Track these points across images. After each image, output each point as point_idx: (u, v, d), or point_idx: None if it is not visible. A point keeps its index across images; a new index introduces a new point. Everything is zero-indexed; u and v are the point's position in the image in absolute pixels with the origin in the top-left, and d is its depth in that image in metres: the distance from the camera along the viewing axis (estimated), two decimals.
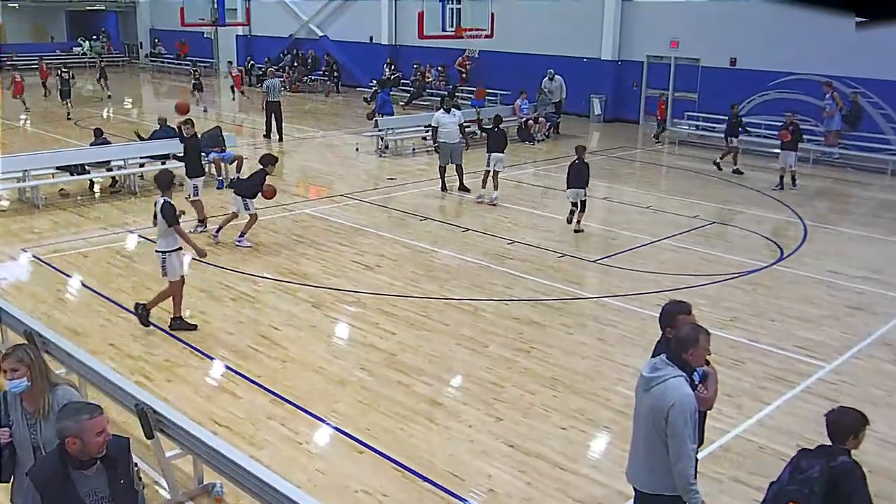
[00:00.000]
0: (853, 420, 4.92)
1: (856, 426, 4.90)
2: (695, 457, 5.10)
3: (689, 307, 5.73)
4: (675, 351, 5.14)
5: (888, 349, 9.99)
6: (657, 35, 26.60)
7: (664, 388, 5.02)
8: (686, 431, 4.96)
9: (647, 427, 5.17)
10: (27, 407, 4.86)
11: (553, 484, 7.10)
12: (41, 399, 4.84)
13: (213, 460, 6.23)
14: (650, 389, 5.11)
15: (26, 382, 4.78)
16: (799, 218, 16.01)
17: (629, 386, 8.70)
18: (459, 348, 9.84)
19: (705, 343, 5.16)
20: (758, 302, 11.47)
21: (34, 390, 4.82)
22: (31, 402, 4.85)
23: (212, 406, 8.35)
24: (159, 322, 10.31)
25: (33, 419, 4.85)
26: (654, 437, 5.11)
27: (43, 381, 4.87)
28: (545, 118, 25.12)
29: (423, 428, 8.00)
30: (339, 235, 14.36)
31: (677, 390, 4.99)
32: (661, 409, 5.00)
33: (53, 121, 26.85)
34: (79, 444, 4.14)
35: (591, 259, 13.35)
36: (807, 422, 8.17)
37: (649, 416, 5.13)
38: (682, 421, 4.95)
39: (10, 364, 4.78)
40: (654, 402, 5.07)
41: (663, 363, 5.13)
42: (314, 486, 6.85)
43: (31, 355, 4.86)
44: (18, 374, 4.77)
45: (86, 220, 15.22)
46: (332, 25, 37.29)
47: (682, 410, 4.95)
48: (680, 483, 5.03)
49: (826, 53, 21.97)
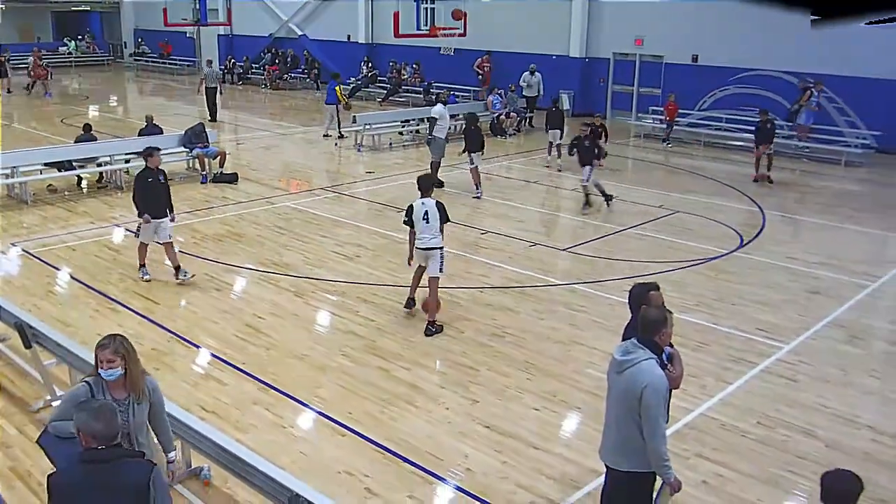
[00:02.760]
0: (851, 486, 4.25)
1: (854, 494, 4.24)
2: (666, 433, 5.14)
3: (657, 284, 5.80)
4: (645, 334, 5.17)
5: (843, 331, 10.11)
6: (623, 33, 26.69)
7: (637, 370, 5.04)
8: (659, 411, 5.00)
9: (621, 408, 5.19)
10: (116, 394, 4.92)
11: (527, 463, 7.14)
12: (139, 384, 4.97)
13: (201, 445, 6.22)
14: (623, 372, 5.12)
15: (121, 371, 4.87)
16: (758, 207, 16.15)
17: (599, 368, 8.77)
18: (436, 334, 9.85)
19: (671, 325, 5.21)
20: (720, 287, 11.57)
21: (127, 378, 4.91)
22: (124, 389, 4.94)
23: (199, 393, 8.31)
24: (146, 313, 10.25)
25: (124, 405, 4.90)
26: (628, 417, 5.13)
27: (138, 368, 5.00)
28: (516, 113, 25.14)
29: (403, 411, 8.01)
30: (320, 227, 14.30)
31: (650, 372, 5.01)
32: (635, 391, 5.02)
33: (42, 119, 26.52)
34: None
35: (561, 247, 13.40)
36: (766, 400, 8.27)
37: (622, 397, 5.15)
38: (656, 401, 4.98)
39: (108, 356, 4.85)
40: (627, 384, 5.09)
41: (634, 346, 5.14)
42: (299, 469, 6.83)
43: (125, 346, 4.92)
44: (115, 364, 4.86)
45: (73, 214, 15.05)
46: (311, 24, 37.05)
47: (654, 391, 4.98)
48: (654, 460, 5.07)
49: (783, 50, 22.21)
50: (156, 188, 11.11)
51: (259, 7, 38.33)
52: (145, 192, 11.07)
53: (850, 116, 21.96)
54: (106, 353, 4.86)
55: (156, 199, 11.13)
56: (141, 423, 5.03)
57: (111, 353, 4.85)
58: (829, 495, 4.20)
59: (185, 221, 14.54)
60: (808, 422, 7.84)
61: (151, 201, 11.07)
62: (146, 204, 11.04)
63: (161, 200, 11.21)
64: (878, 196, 17.93)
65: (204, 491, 6.66)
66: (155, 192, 11.12)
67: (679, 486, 5.21)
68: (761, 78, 23.41)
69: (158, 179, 11.15)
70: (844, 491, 4.18)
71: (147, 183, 11.05)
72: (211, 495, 6.62)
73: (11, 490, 6.59)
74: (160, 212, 11.13)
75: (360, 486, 6.74)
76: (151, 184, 11.04)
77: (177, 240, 13.41)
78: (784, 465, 7.10)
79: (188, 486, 6.72)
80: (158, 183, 11.14)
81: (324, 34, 36.28)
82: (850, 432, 7.68)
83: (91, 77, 39.08)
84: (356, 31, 34.83)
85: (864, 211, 16.20)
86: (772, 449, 7.38)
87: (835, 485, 4.21)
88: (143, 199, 11.06)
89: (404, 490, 6.71)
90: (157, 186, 11.13)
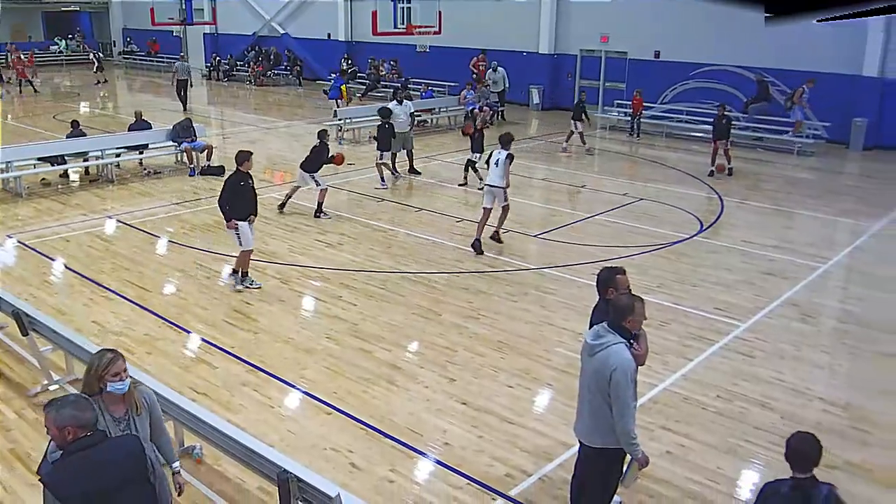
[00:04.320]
0: (812, 448, 4.37)
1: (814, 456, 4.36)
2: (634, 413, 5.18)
3: (623, 269, 5.84)
4: (615, 319, 5.19)
5: (795, 309, 10.23)
6: (589, 31, 26.67)
7: (607, 353, 5.08)
8: (628, 392, 5.03)
9: (592, 388, 5.23)
10: (114, 411, 4.59)
11: (502, 436, 7.18)
12: (135, 397, 4.66)
13: (193, 425, 6.19)
14: (594, 355, 5.16)
15: (129, 382, 4.61)
16: (717, 194, 16.26)
17: (568, 347, 8.84)
18: (415, 317, 9.85)
19: (641, 310, 5.21)
20: (681, 270, 11.65)
21: (130, 391, 4.62)
22: (123, 404, 4.62)
23: (190, 376, 8.26)
24: (139, 300, 10.17)
25: (123, 421, 4.59)
26: (598, 397, 5.17)
27: (132, 380, 4.73)
28: (488, 106, 25.08)
29: (384, 390, 8.01)
30: (303, 217, 14.22)
31: (619, 355, 5.05)
32: (605, 373, 5.05)
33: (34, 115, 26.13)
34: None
35: (532, 234, 13.42)
36: (725, 374, 8.36)
37: (593, 378, 5.18)
38: (625, 383, 5.01)
39: (121, 366, 4.55)
40: (598, 366, 5.12)
41: (605, 330, 5.17)
42: (286, 446, 6.83)
43: (123, 358, 4.63)
44: (124, 377, 4.56)
45: (67, 207, 14.86)
46: (293, 23, 36.76)
47: (623, 373, 5.01)
48: (622, 438, 5.12)
49: (739, 46, 22.32)
50: (245, 192, 10.58)
51: (243, 7, 37.95)
52: (235, 196, 10.50)
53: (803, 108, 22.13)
54: (116, 367, 4.52)
55: (244, 203, 10.61)
56: (146, 436, 4.67)
57: (119, 368, 4.53)
58: (794, 455, 4.37)
59: (174, 212, 14.45)
60: (764, 394, 7.94)
61: (240, 204, 10.55)
62: (234, 207, 10.50)
63: (249, 204, 10.67)
64: (827, 183, 18.12)
65: (196, 469, 6.64)
66: (244, 195, 10.59)
67: (646, 461, 5.28)
68: (719, 73, 23.53)
69: (249, 183, 10.63)
70: (806, 451, 4.34)
71: (239, 187, 10.49)
72: (203, 473, 6.60)
73: (12, 471, 6.53)
74: (245, 215, 10.60)
75: (345, 462, 6.75)
76: (243, 188, 10.51)
77: (167, 230, 13.35)
78: (742, 436, 7.19)
79: (181, 464, 6.68)
80: (249, 187, 10.62)
81: (305, 32, 36.00)
82: (803, 403, 7.79)
83: (82, 75, 38.51)
84: (336, 30, 34.58)
85: (814, 197, 16.36)
86: (731, 420, 7.47)
87: (799, 445, 4.37)
88: (232, 202, 10.49)
89: (386, 464, 6.72)
90: (248, 190, 10.60)
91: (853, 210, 15.31)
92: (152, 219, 14.10)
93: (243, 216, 10.54)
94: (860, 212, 15.15)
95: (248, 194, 10.60)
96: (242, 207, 10.55)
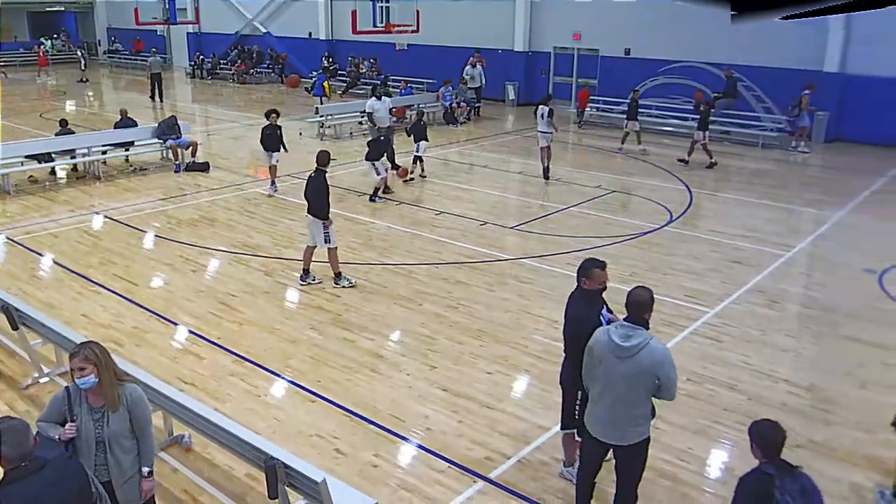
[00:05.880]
0: (775, 434, 4.32)
1: (778, 442, 4.31)
2: None
3: (604, 264, 5.81)
4: (637, 312, 5.12)
5: (761, 295, 10.33)
6: (562, 29, 26.74)
7: (650, 351, 5.00)
8: (676, 374, 5.12)
9: (629, 388, 5.08)
10: (93, 402, 4.54)
11: (482, 421, 7.20)
12: (110, 392, 4.53)
13: (182, 414, 6.15)
14: (635, 355, 5.01)
15: (94, 378, 4.46)
16: (686, 186, 16.36)
17: (545, 334, 8.88)
18: (397, 307, 9.85)
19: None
20: (652, 259, 11.72)
21: (102, 385, 4.50)
22: (99, 396, 4.54)
23: (178, 366, 8.22)
24: (126, 294, 10.08)
25: (99, 413, 4.54)
26: (639, 394, 5.10)
27: (110, 375, 4.55)
28: (466, 103, 25.08)
29: (368, 378, 8.01)
30: (287, 211, 14.16)
31: (660, 349, 5.08)
32: (652, 369, 5.00)
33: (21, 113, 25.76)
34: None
35: (509, 226, 13.44)
36: (695, 359, 8.44)
37: (635, 378, 5.05)
38: (674, 369, 5.08)
39: (79, 363, 4.44)
40: (640, 366, 5.01)
41: (632, 328, 5.06)
42: (273, 433, 6.81)
43: (96, 352, 4.50)
44: (87, 371, 4.45)
45: (54, 203, 14.69)
46: (275, 22, 36.50)
47: (671, 362, 5.06)
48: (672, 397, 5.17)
49: (706, 43, 22.45)
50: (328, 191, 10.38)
51: (225, 6, 37.62)
52: (326, 195, 10.26)
53: (767, 103, 22.32)
54: (76, 361, 4.45)
55: (328, 202, 10.36)
56: (117, 433, 4.54)
57: (81, 361, 4.44)
58: (759, 442, 4.29)
59: (160, 208, 14.33)
60: (732, 377, 8.02)
61: (327, 203, 10.29)
62: (323, 205, 10.21)
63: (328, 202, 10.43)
64: (791, 175, 18.28)
65: (185, 456, 6.62)
66: (329, 194, 10.37)
67: None
68: (687, 69, 23.66)
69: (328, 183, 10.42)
70: (770, 438, 4.26)
71: (327, 187, 10.29)
72: (192, 460, 6.58)
73: None
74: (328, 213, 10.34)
75: (330, 448, 6.74)
76: (328, 188, 10.32)
77: (153, 225, 13.24)
78: (711, 417, 7.26)
79: (170, 452, 6.67)
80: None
81: (286, 31, 35.76)
82: (769, 385, 7.88)
83: (67, 74, 38.01)
84: (317, 29, 34.41)
85: (778, 188, 16.51)
86: (701, 402, 7.54)
87: (763, 433, 4.30)
88: (323, 201, 10.22)
89: (370, 449, 6.73)
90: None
91: (816, 200, 15.47)
92: (139, 214, 13.97)
93: (328, 215, 10.28)
94: (823, 202, 15.31)
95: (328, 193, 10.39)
96: (328, 205, 10.30)
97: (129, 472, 4.65)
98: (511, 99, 28.33)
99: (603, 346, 5.17)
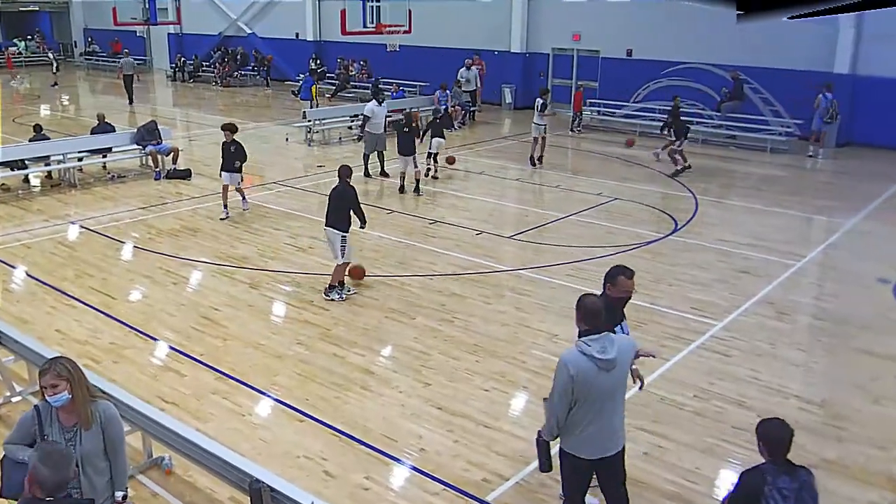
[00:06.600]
0: (782, 432, 4.47)
1: (785, 440, 4.46)
2: None
3: (632, 272, 6.07)
4: (596, 322, 5.11)
5: (770, 307, 10.35)
6: (561, 29, 26.83)
7: (621, 348, 5.06)
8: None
9: (618, 392, 5.15)
10: (64, 421, 4.50)
11: (478, 440, 7.18)
12: (83, 409, 4.49)
13: (162, 435, 6.13)
14: (614, 368, 5.01)
15: (67, 395, 4.42)
16: (691, 193, 16.41)
17: (544, 349, 8.88)
18: (388, 321, 9.83)
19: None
20: (656, 269, 11.73)
21: (74, 402, 4.45)
22: (71, 414, 4.50)
23: (158, 384, 8.18)
24: (103, 308, 10.05)
25: (71, 432, 4.49)
26: (623, 393, 5.21)
27: (83, 391, 4.50)
28: (461, 106, 25.15)
29: (358, 395, 7.99)
30: (273, 220, 14.15)
31: (624, 340, 5.33)
32: (629, 362, 5.26)
33: None
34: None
35: (507, 235, 13.46)
36: (702, 374, 8.44)
37: (622, 380, 5.13)
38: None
39: (51, 380, 4.39)
40: (623, 367, 5.12)
41: (602, 338, 5.02)
42: (258, 454, 6.78)
43: (68, 367, 4.45)
44: (59, 388, 4.40)
45: (28, 212, 14.66)
46: (260, 23, 36.58)
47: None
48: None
49: (711, 44, 22.54)
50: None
51: (208, 6, 37.68)
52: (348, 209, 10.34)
53: (775, 106, 22.43)
54: (48, 378, 4.40)
55: (349, 216, 10.39)
56: (91, 453, 4.50)
57: (54, 377, 4.39)
58: (765, 441, 4.47)
59: (139, 217, 14.30)
60: (741, 393, 8.03)
61: (349, 217, 10.32)
62: (345, 219, 10.28)
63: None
64: (801, 181, 18.36)
65: (165, 480, 6.57)
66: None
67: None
68: (691, 70, 23.76)
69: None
70: (776, 436, 4.43)
71: (355, 197, 10.32)
72: (173, 484, 6.53)
73: None
74: (348, 227, 10.42)
75: (319, 469, 6.72)
76: (356, 198, 10.35)
77: (132, 235, 13.21)
78: (719, 435, 7.26)
79: (150, 475, 6.63)
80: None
81: (272, 32, 35.83)
82: (780, 402, 7.88)
83: (41, 76, 38.00)
84: (304, 29, 34.47)
85: (788, 195, 16.56)
86: (708, 420, 7.54)
87: (769, 431, 4.48)
88: (345, 214, 10.28)
89: (361, 471, 6.70)
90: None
91: (827, 207, 15.53)
92: (116, 224, 13.94)
93: (348, 228, 10.35)
94: (834, 208, 15.37)
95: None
96: (349, 220, 10.37)
97: (104, 493, 4.60)
98: (508, 102, 28.41)
99: (584, 366, 4.98)
